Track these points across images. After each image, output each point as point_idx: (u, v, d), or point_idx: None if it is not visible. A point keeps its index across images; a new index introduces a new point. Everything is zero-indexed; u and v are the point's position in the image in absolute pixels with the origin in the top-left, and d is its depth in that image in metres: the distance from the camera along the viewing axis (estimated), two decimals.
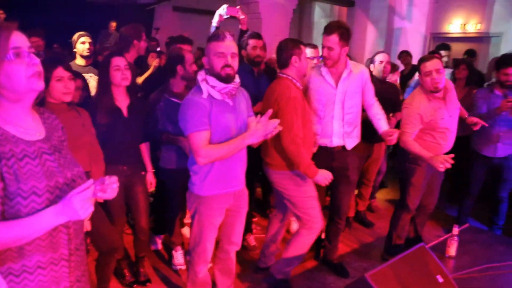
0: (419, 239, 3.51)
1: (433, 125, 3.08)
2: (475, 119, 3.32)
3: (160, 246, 3.74)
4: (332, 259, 3.41)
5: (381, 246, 3.72)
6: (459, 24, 7.55)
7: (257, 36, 3.51)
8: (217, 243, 2.70)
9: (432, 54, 4.54)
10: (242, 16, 3.74)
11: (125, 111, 2.88)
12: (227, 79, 2.30)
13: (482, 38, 7.27)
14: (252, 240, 3.77)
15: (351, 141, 3.09)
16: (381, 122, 3.07)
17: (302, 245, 2.95)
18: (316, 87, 3.01)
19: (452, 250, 2.71)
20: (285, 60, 2.79)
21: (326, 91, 2.99)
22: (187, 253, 2.76)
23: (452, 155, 2.87)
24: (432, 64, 3.03)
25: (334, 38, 2.87)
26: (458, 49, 6.51)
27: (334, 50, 2.89)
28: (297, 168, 2.73)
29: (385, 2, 7.76)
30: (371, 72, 3.87)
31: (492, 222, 3.91)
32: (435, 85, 3.02)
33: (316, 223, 2.89)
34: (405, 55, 6.28)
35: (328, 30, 2.89)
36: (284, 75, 2.80)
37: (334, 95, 2.99)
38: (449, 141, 3.19)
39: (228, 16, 3.64)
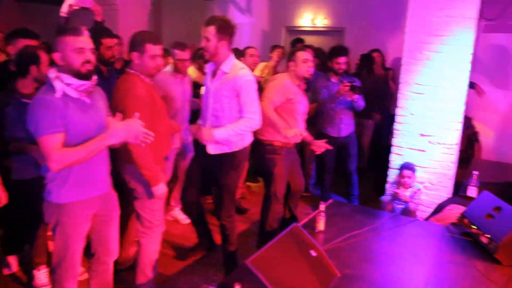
0: (294, 219, 3.72)
1: (290, 107, 3.28)
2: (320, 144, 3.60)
3: (15, 268, 3.27)
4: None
5: (255, 232, 3.83)
6: (309, 18, 8.18)
7: (111, 34, 3.28)
8: (88, 254, 2.47)
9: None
10: (95, 7, 3.46)
11: None
12: (87, 76, 2.14)
13: (329, 32, 8.01)
14: None
15: (214, 147, 3.01)
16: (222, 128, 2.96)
17: (150, 254, 2.79)
18: (205, 83, 3.02)
19: (320, 225, 2.95)
20: (129, 54, 2.67)
21: (206, 88, 3.00)
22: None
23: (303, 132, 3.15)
24: (310, 55, 3.39)
25: (211, 29, 2.84)
26: (310, 42, 7.06)
27: (210, 42, 2.85)
28: (141, 170, 2.56)
29: None
30: None
31: (349, 194, 4.39)
32: (309, 72, 3.29)
33: (158, 226, 2.77)
34: (278, 48, 6.63)
35: (207, 21, 2.87)
36: (132, 71, 2.63)
37: (208, 93, 2.98)
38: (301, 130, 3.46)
39: (79, 7, 3.33)
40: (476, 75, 5.25)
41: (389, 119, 4.37)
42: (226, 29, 2.86)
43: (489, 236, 2.76)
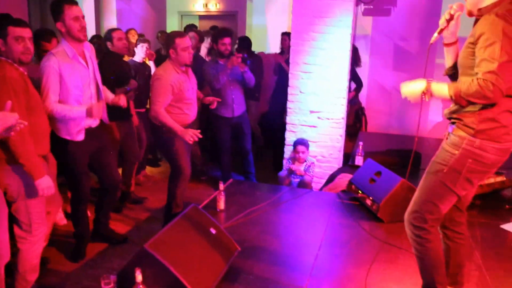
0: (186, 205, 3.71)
1: (181, 97, 3.25)
2: (211, 99, 3.74)
3: None
4: (107, 232, 3.34)
5: (157, 218, 3.79)
6: (202, 3, 8.17)
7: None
8: None
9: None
10: None
11: None
12: None
13: (222, 16, 8.08)
14: None
15: (108, 113, 3.09)
16: (108, 93, 3.12)
17: (31, 259, 2.53)
18: (70, 71, 2.73)
19: (221, 204, 3.03)
20: None
21: (81, 73, 2.80)
22: None
23: (198, 130, 3.14)
24: (188, 41, 3.24)
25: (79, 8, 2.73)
26: (204, 25, 7.06)
27: (85, 18, 2.76)
28: (20, 162, 2.31)
29: None
30: (108, 49, 3.84)
31: (246, 172, 4.53)
32: (191, 59, 3.23)
33: (38, 229, 2.49)
34: (162, 34, 6.47)
35: (73, 1, 2.72)
36: (2, 57, 2.42)
37: (88, 75, 2.84)
38: (194, 111, 3.47)
39: None
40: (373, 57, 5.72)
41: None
42: None
43: (372, 198, 3.07)
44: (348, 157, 4.41)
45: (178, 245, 2.04)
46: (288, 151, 4.31)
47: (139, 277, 1.80)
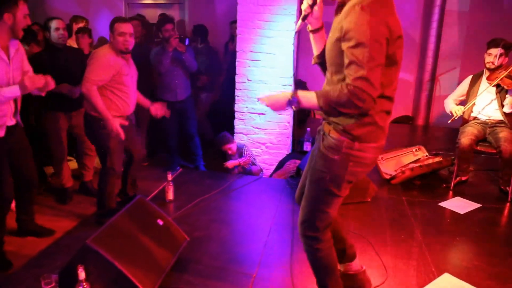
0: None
1: (118, 79, 3.09)
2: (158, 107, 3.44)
3: None
4: (32, 227, 3.15)
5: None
6: None
7: None
8: None
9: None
10: None
11: None
12: None
13: (169, 5, 7.89)
14: None
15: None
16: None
17: None
18: None
19: (170, 195, 2.98)
20: None
21: (1, 69, 2.55)
22: None
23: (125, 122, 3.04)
24: (128, 27, 3.06)
25: None
26: (151, 15, 6.87)
27: None
28: None
29: None
30: (48, 41, 3.58)
31: (193, 154, 4.54)
32: (126, 45, 3.05)
33: None
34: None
35: None
36: None
37: (8, 72, 2.61)
38: (131, 102, 3.25)
39: None
40: None
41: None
42: None
43: None
44: (297, 143, 4.48)
45: (123, 239, 1.99)
46: (237, 139, 4.30)
47: (81, 274, 1.74)
